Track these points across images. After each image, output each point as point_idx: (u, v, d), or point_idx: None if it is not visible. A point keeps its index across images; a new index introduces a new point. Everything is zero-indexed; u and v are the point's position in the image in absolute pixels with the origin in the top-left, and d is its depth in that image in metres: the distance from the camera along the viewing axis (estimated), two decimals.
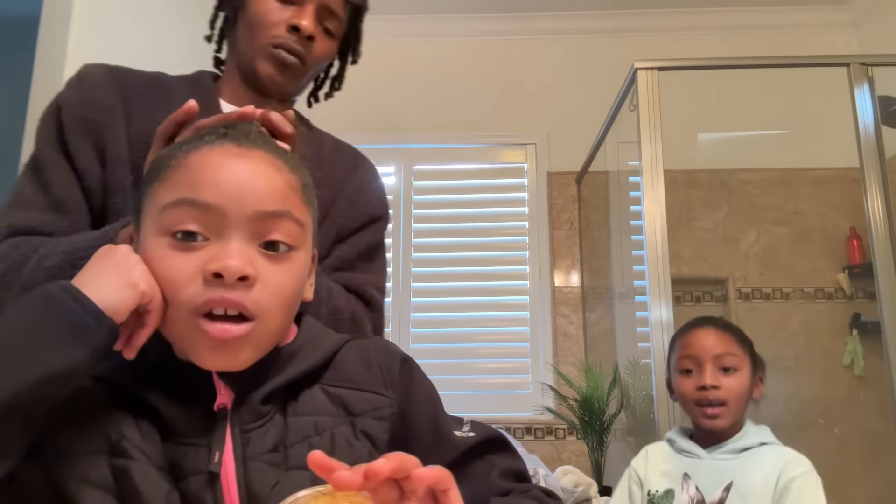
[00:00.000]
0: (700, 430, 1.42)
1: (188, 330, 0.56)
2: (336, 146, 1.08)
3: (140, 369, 0.59)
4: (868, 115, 2.11)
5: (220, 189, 0.56)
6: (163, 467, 0.56)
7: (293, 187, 0.61)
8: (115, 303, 0.53)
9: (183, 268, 0.55)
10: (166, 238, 0.57)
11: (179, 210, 0.56)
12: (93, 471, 0.55)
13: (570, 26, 3.25)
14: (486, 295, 3.02)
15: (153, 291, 0.55)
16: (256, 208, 0.57)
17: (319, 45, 0.97)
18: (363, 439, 0.61)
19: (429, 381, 0.68)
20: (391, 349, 0.68)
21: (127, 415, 0.57)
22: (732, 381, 1.37)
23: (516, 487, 0.58)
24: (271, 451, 0.58)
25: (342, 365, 0.65)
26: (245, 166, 0.58)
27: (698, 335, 1.43)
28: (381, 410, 0.63)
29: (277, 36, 0.93)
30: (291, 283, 0.59)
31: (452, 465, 0.59)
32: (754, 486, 1.30)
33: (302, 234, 0.61)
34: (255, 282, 0.56)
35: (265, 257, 0.58)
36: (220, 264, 0.54)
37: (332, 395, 0.63)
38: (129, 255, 0.57)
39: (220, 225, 0.56)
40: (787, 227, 2.98)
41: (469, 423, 0.64)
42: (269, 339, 0.59)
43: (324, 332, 0.69)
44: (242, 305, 0.55)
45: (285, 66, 0.94)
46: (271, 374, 0.60)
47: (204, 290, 0.55)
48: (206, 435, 0.57)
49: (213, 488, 0.55)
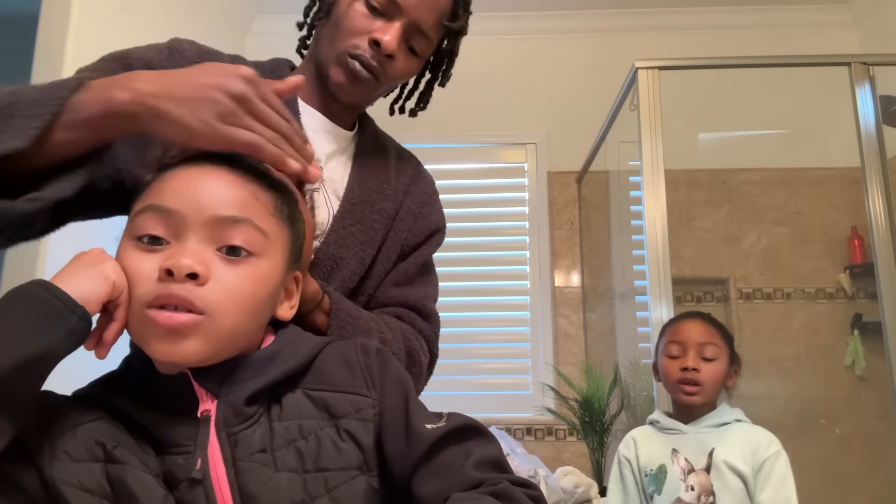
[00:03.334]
0: (677, 406, 1.60)
1: (141, 322, 0.58)
2: (399, 155, 1.06)
3: (125, 386, 0.61)
4: (869, 115, 2.11)
5: (181, 195, 0.60)
6: (158, 475, 0.57)
7: (260, 199, 0.63)
8: (87, 293, 0.56)
9: (143, 266, 0.58)
10: (134, 241, 0.60)
11: (145, 216, 0.60)
12: (89, 478, 0.56)
13: (570, 26, 3.25)
14: (487, 295, 3.02)
15: (123, 284, 0.58)
16: (213, 213, 0.60)
17: (399, 64, 0.92)
18: (348, 440, 0.61)
19: (402, 372, 0.67)
20: (369, 348, 0.68)
21: (121, 427, 0.59)
22: (710, 368, 1.54)
23: (488, 479, 0.57)
24: (260, 452, 0.59)
25: (323, 368, 0.65)
26: (211, 177, 0.62)
27: (686, 325, 1.60)
28: (364, 412, 0.62)
29: (357, 46, 0.89)
30: (248, 286, 0.60)
31: (424, 457, 0.59)
32: (732, 451, 1.48)
33: (265, 242, 0.62)
34: (206, 280, 0.58)
35: (223, 260, 0.60)
36: (172, 261, 0.57)
37: (315, 399, 0.63)
38: (102, 255, 0.60)
39: (179, 228, 0.59)
40: (788, 227, 2.97)
41: (446, 416, 0.63)
42: (223, 336, 0.59)
43: (302, 336, 0.69)
44: (189, 301, 0.57)
45: (357, 78, 0.90)
46: (251, 377, 0.61)
47: (156, 285, 0.57)
48: (194, 442, 0.58)
49: (205, 493, 0.56)
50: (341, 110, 0.98)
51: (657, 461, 1.54)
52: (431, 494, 0.57)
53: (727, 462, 1.46)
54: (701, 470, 1.48)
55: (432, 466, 0.59)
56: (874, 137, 2.09)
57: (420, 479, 0.59)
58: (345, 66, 0.90)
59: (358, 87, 0.91)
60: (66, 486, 0.55)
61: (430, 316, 1.00)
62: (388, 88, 0.99)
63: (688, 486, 1.48)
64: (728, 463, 1.46)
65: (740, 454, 1.47)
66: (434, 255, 1.06)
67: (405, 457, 0.60)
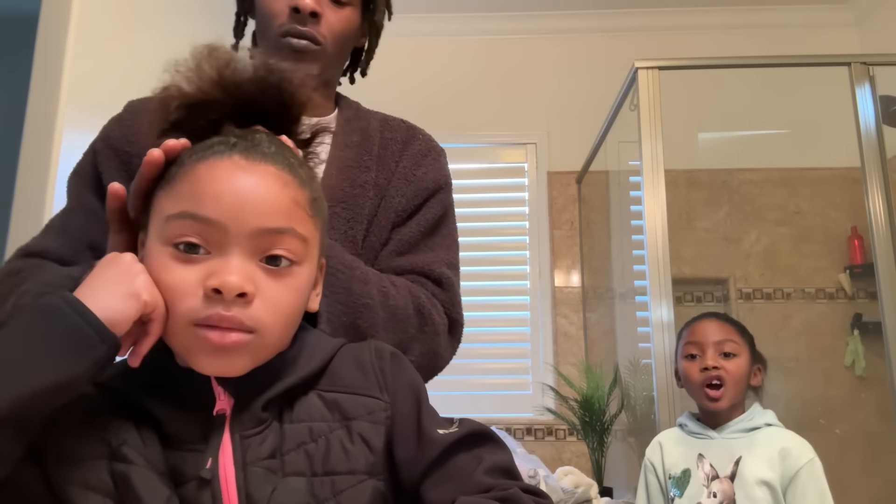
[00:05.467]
0: (704, 411, 1.56)
1: (188, 338, 0.56)
2: (385, 124, 1.03)
3: (141, 376, 0.59)
4: (869, 115, 2.11)
5: (222, 204, 0.57)
6: (164, 473, 0.56)
7: (299, 202, 0.60)
8: (117, 313, 0.54)
9: (184, 279, 0.56)
10: (169, 248, 0.57)
11: (182, 222, 0.57)
12: (93, 476, 0.55)
13: (570, 26, 3.25)
14: (486, 295, 3.02)
15: (156, 302, 0.56)
16: (258, 225, 0.57)
17: (330, 19, 0.91)
18: (359, 443, 0.60)
19: (416, 376, 0.67)
20: (383, 350, 0.67)
21: (128, 421, 0.58)
22: (731, 364, 1.51)
23: (498, 485, 0.56)
24: (269, 458, 0.58)
25: (337, 370, 0.65)
26: (249, 181, 0.58)
27: (702, 325, 1.58)
28: (376, 414, 0.62)
29: (283, 23, 0.89)
30: (291, 299, 0.60)
31: (436, 462, 0.58)
32: (760, 461, 1.44)
33: (305, 249, 0.61)
34: (253, 298, 0.56)
35: (266, 272, 0.58)
36: (220, 280, 0.55)
37: (328, 401, 0.62)
38: (133, 265, 0.58)
39: (221, 240, 0.56)
40: (788, 227, 2.97)
41: (458, 421, 0.62)
42: (267, 350, 0.59)
43: (320, 338, 0.68)
44: (240, 322, 0.55)
45: (300, 52, 0.89)
46: (270, 381, 0.60)
47: (204, 305, 0.55)
48: (206, 441, 0.57)
49: (211, 494, 0.55)
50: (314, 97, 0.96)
51: (682, 465, 1.52)
52: (441, 500, 0.56)
53: (754, 473, 1.42)
54: (725, 477, 1.45)
55: (443, 472, 0.58)
56: (874, 137, 2.09)
57: (430, 484, 0.58)
58: (284, 49, 0.89)
59: (306, 60, 0.90)
60: (69, 485, 0.54)
61: (441, 280, 0.93)
62: (339, 51, 0.95)
63: (710, 492, 1.45)
64: (755, 474, 1.42)
65: (768, 462, 1.43)
66: (445, 215, 1.00)
67: (415, 461, 0.59)
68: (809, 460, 1.43)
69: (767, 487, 1.42)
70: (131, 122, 0.90)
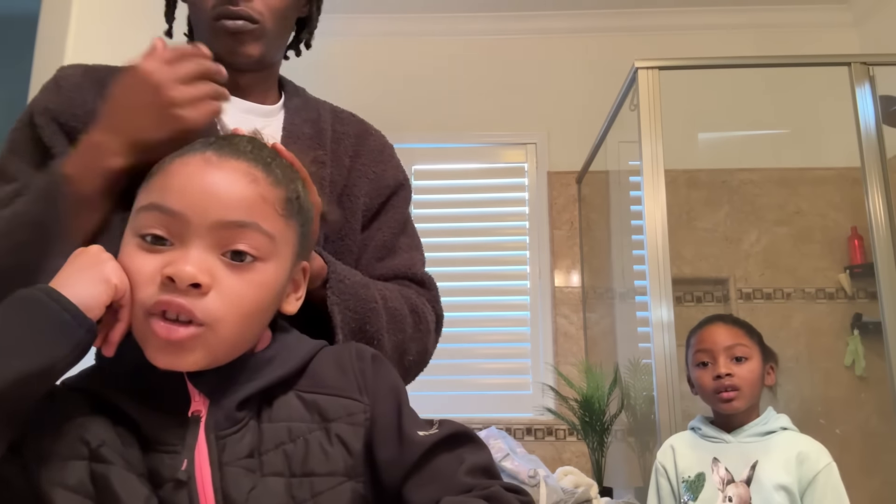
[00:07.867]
0: (720, 416, 1.54)
1: (142, 328, 0.57)
2: (336, 117, 0.99)
3: (118, 378, 0.60)
4: (869, 115, 2.11)
5: (185, 197, 0.58)
6: (143, 474, 0.57)
7: (267, 199, 0.61)
8: (90, 298, 0.55)
9: (144, 267, 0.57)
10: (137, 239, 0.59)
11: (149, 214, 0.59)
12: (72, 476, 0.55)
13: (570, 26, 3.24)
14: (486, 295, 3.02)
15: (125, 286, 0.57)
16: (219, 217, 0.58)
17: None
18: (338, 444, 0.60)
19: (396, 379, 0.67)
20: (364, 352, 0.67)
21: (108, 423, 0.58)
22: (744, 369, 1.50)
23: (478, 484, 0.57)
24: (247, 457, 0.58)
25: (317, 371, 0.65)
26: (216, 175, 0.60)
27: (710, 331, 1.56)
28: (356, 416, 0.62)
29: (214, 6, 0.84)
30: (252, 294, 0.59)
31: (418, 464, 0.59)
32: (778, 465, 1.42)
33: (271, 246, 0.61)
34: (209, 290, 0.57)
35: (227, 266, 0.58)
36: (174, 269, 0.56)
37: (307, 402, 0.62)
38: (101, 254, 0.59)
39: (183, 231, 0.58)
40: (788, 227, 2.97)
41: (437, 422, 0.62)
42: (224, 346, 0.59)
43: (299, 339, 0.68)
44: (191, 312, 0.56)
45: (235, 33, 0.84)
46: (245, 380, 0.61)
47: (158, 292, 0.56)
48: (183, 441, 0.57)
49: (188, 495, 0.55)
50: (253, 81, 0.91)
51: (696, 469, 1.50)
52: (425, 501, 0.57)
53: (771, 477, 1.41)
54: (741, 482, 1.44)
55: (425, 473, 0.59)
56: (874, 137, 2.09)
57: (412, 486, 0.59)
58: (219, 31, 0.85)
59: (243, 40, 0.85)
60: (49, 485, 0.55)
61: (423, 282, 0.95)
62: (279, 28, 0.90)
63: (725, 496, 1.43)
64: (772, 478, 1.41)
65: (785, 467, 1.42)
66: (409, 213, 1.00)
67: (397, 464, 0.59)
68: (827, 465, 1.42)
69: (785, 492, 1.40)
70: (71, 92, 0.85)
